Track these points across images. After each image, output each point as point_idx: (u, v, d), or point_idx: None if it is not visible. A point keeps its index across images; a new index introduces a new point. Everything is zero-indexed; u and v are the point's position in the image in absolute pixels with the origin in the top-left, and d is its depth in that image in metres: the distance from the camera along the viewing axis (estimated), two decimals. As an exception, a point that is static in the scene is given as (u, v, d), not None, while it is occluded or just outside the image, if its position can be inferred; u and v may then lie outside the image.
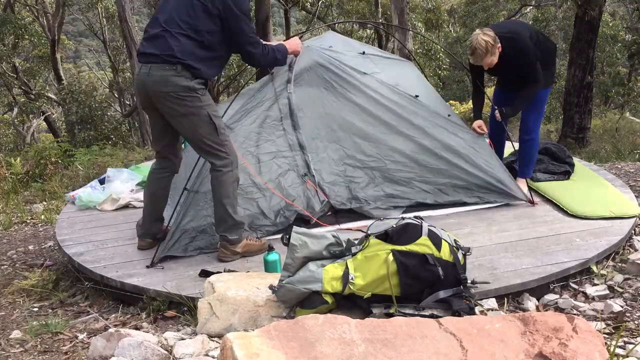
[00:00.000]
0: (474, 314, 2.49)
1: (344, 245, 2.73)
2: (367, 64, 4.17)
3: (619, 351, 2.20)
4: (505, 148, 4.51)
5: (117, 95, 22.03)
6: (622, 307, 2.76)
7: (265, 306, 2.58)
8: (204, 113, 3.27)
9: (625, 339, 2.39)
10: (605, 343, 1.83)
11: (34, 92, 18.44)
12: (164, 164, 3.60)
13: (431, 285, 2.59)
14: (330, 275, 2.55)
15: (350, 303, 2.58)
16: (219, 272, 3.06)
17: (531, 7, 19.42)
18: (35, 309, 3.44)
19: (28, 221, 5.70)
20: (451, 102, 17.26)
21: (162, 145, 3.56)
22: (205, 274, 3.15)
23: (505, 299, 2.86)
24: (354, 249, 2.67)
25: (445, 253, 2.62)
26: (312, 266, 2.61)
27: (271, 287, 2.62)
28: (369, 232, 2.72)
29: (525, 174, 4.28)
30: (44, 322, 3.03)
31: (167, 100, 3.23)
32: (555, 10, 17.95)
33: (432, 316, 2.41)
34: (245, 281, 2.75)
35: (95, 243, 3.94)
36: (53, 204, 6.27)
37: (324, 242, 2.70)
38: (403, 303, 2.58)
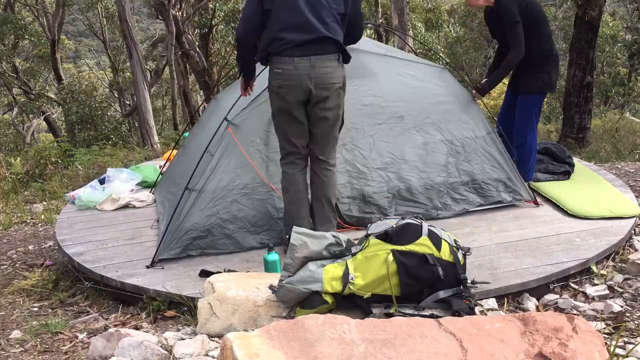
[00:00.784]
0: (474, 314, 2.49)
1: (344, 245, 2.73)
2: (381, 64, 4.12)
3: (619, 351, 2.19)
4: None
5: (117, 95, 22.02)
6: (622, 307, 2.76)
7: (265, 306, 2.58)
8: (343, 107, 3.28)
9: (625, 339, 2.39)
10: (605, 343, 1.83)
11: (34, 92, 18.42)
12: (305, 163, 3.40)
13: (431, 285, 2.59)
14: (330, 275, 2.55)
15: (350, 303, 2.58)
16: (219, 272, 3.06)
17: (531, 7, 19.35)
18: (35, 309, 3.44)
19: (28, 221, 5.70)
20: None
21: (306, 142, 3.34)
22: (205, 274, 3.15)
23: (505, 299, 2.86)
24: (353, 249, 2.66)
25: (445, 253, 2.62)
26: (312, 266, 2.61)
27: (271, 287, 2.62)
28: (369, 232, 2.72)
29: (525, 179, 4.26)
30: (44, 322, 3.03)
31: (334, 93, 3.16)
32: (555, 10, 17.93)
33: (432, 316, 2.41)
34: (245, 281, 2.75)
35: (95, 243, 3.94)
36: (53, 203, 6.27)
37: (324, 242, 2.70)
38: (403, 303, 2.58)
